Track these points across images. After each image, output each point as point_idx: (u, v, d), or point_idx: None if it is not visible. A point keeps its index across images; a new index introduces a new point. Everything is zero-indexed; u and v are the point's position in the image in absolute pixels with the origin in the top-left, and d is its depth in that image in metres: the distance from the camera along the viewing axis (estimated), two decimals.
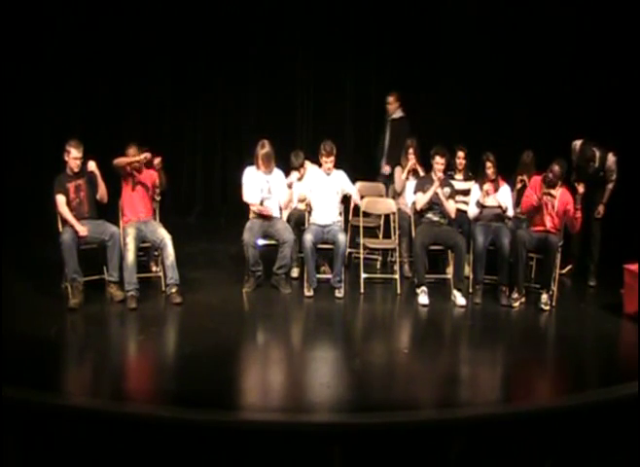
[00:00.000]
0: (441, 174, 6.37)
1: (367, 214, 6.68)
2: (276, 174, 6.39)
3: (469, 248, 6.28)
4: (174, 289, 5.90)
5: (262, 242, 6.30)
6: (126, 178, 6.09)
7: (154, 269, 6.53)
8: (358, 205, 6.53)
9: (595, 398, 4.39)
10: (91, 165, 5.91)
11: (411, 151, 6.77)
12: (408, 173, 6.77)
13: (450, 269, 6.39)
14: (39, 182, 7.04)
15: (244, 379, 4.88)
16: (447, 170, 6.57)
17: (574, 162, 6.74)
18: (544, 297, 6.06)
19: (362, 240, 6.48)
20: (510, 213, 6.34)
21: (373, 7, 8.41)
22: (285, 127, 8.47)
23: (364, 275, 6.37)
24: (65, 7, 7.72)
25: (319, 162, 6.50)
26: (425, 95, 8.25)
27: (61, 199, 5.80)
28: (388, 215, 6.78)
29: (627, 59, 7.35)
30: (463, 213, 6.50)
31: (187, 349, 5.11)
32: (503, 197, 6.32)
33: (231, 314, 5.84)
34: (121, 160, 5.99)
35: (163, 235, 5.99)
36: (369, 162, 7.85)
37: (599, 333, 5.73)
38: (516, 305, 6.12)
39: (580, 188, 6.11)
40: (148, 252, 6.52)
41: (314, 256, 6.23)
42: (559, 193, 6.11)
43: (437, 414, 4.26)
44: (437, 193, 6.32)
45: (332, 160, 6.34)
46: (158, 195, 6.38)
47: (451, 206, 6.37)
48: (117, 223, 6.09)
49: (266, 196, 6.32)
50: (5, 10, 7.19)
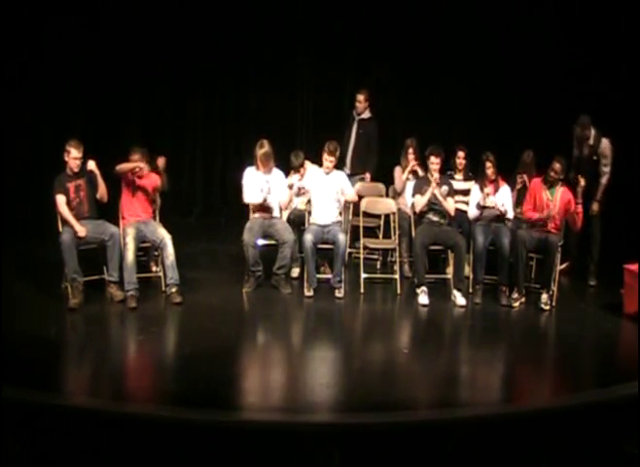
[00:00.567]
0: (437, 174, 6.36)
1: (367, 214, 6.68)
2: (276, 174, 6.39)
3: (469, 248, 6.28)
4: (174, 289, 5.90)
5: (262, 242, 6.30)
6: (127, 182, 6.09)
7: (154, 269, 6.53)
8: (352, 202, 6.53)
9: (595, 398, 4.39)
10: (91, 165, 5.91)
11: (411, 151, 6.77)
12: (409, 173, 6.77)
13: (450, 269, 6.39)
14: (39, 182, 7.05)
15: (244, 379, 4.88)
16: (445, 170, 6.57)
17: (574, 150, 6.75)
18: (544, 297, 6.06)
19: (362, 240, 6.48)
20: (510, 215, 6.34)
21: (372, 7, 8.40)
22: (285, 127, 8.47)
23: (364, 275, 6.37)
24: (66, 7, 7.71)
25: (319, 162, 6.51)
26: (425, 95, 8.26)
27: (61, 199, 5.80)
28: (388, 215, 6.78)
29: (628, 59, 7.35)
30: (463, 213, 6.50)
31: (187, 349, 5.11)
32: (503, 198, 6.32)
33: (231, 314, 5.84)
34: (122, 166, 5.98)
35: (163, 235, 5.99)
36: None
37: (599, 333, 5.73)
38: (516, 305, 6.12)
39: (581, 181, 6.12)
40: (148, 252, 6.53)
41: (314, 256, 6.24)
42: (560, 192, 6.12)
43: (436, 414, 4.26)
44: (434, 194, 6.32)
45: (333, 159, 6.34)
46: (158, 195, 6.39)
47: (450, 205, 6.37)
48: (117, 223, 6.09)
49: (267, 196, 6.32)
50: (5, 10, 7.19)
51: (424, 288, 6.14)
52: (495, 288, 6.24)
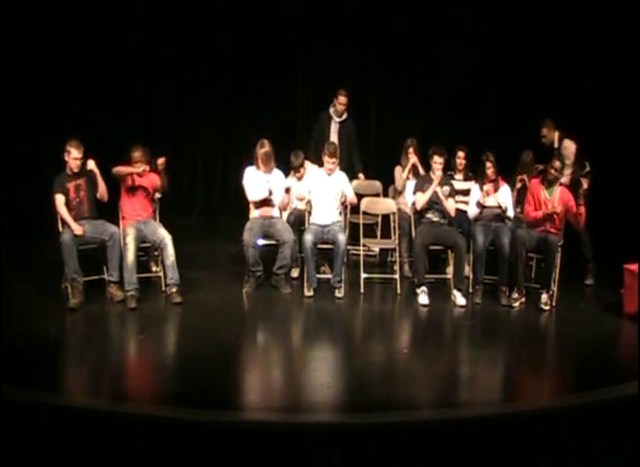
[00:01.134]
0: (439, 173, 6.37)
1: (365, 213, 6.68)
2: (276, 174, 6.39)
3: (469, 248, 6.28)
4: (174, 289, 5.91)
5: (262, 242, 6.30)
6: (126, 182, 6.09)
7: (154, 269, 6.53)
8: (352, 204, 6.52)
9: (595, 398, 4.38)
10: (91, 164, 5.91)
11: (411, 151, 6.78)
12: (409, 172, 6.77)
13: (450, 269, 6.39)
14: (39, 182, 7.03)
15: (244, 379, 4.87)
16: (447, 170, 6.58)
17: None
18: (544, 297, 6.06)
19: (362, 240, 6.48)
20: (510, 213, 6.34)
21: (372, 7, 8.41)
22: (285, 127, 8.47)
23: (364, 275, 6.37)
24: (66, 7, 7.71)
25: (319, 162, 6.50)
26: (425, 96, 8.26)
27: (60, 199, 5.80)
28: (388, 215, 6.78)
29: (628, 59, 7.36)
30: (463, 213, 6.50)
31: (187, 349, 5.11)
32: (503, 198, 6.32)
33: (231, 314, 5.84)
34: (120, 169, 5.98)
35: (163, 235, 5.99)
36: (367, 162, 7.82)
37: (599, 333, 5.72)
38: (516, 305, 6.12)
39: (584, 183, 6.12)
40: (148, 252, 6.53)
41: (314, 256, 6.24)
42: (559, 191, 6.13)
43: (436, 415, 4.26)
44: (436, 192, 6.32)
45: (334, 161, 6.33)
46: (158, 194, 6.39)
47: (451, 205, 6.37)
48: (117, 223, 6.09)
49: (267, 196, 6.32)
50: (6, 10, 7.19)
51: (424, 288, 6.14)
52: (495, 288, 6.24)
